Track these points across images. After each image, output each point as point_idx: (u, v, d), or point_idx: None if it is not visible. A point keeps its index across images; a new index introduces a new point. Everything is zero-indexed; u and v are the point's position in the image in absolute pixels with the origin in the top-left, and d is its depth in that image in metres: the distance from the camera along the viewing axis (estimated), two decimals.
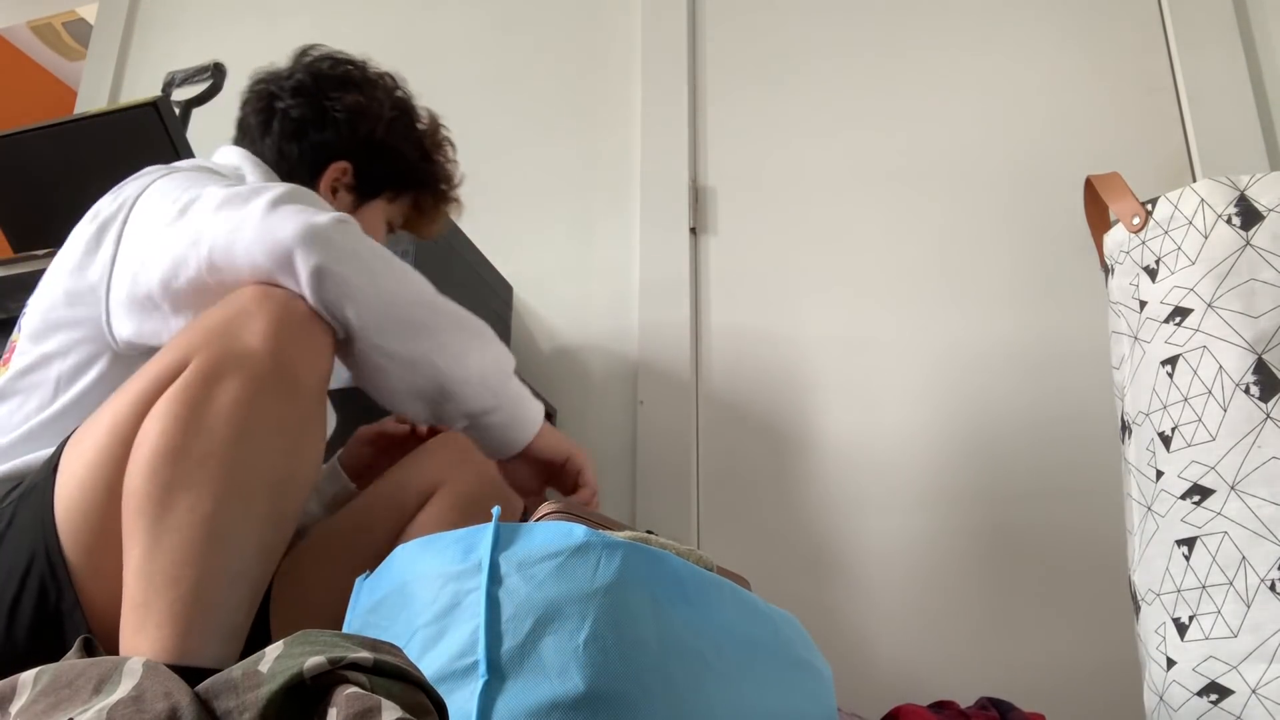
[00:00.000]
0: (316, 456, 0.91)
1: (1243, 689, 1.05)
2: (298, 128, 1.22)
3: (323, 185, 1.23)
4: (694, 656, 0.73)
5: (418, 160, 1.29)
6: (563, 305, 1.91)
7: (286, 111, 1.22)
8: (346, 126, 1.23)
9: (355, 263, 0.90)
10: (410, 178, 1.29)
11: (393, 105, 1.27)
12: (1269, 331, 1.14)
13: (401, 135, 1.27)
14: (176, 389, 0.84)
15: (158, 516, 0.81)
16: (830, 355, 1.73)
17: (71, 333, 1.00)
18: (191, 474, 0.82)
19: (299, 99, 1.23)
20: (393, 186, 1.28)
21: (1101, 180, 1.36)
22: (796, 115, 1.90)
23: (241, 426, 0.84)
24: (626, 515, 1.72)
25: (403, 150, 1.27)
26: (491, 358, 0.99)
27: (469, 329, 0.98)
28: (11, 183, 1.50)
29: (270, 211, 0.91)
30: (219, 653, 0.80)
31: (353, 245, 0.92)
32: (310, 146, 1.22)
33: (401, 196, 1.30)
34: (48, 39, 3.42)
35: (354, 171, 1.24)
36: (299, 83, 1.24)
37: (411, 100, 1.32)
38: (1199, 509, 1.12)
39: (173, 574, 0.80)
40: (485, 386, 0.97)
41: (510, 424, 1.01)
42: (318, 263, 0.88)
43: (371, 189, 1.26)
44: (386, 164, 1.26)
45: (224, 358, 0.85)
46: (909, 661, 1.53)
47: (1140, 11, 1.76)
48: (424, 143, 1.30)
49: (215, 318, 0.88)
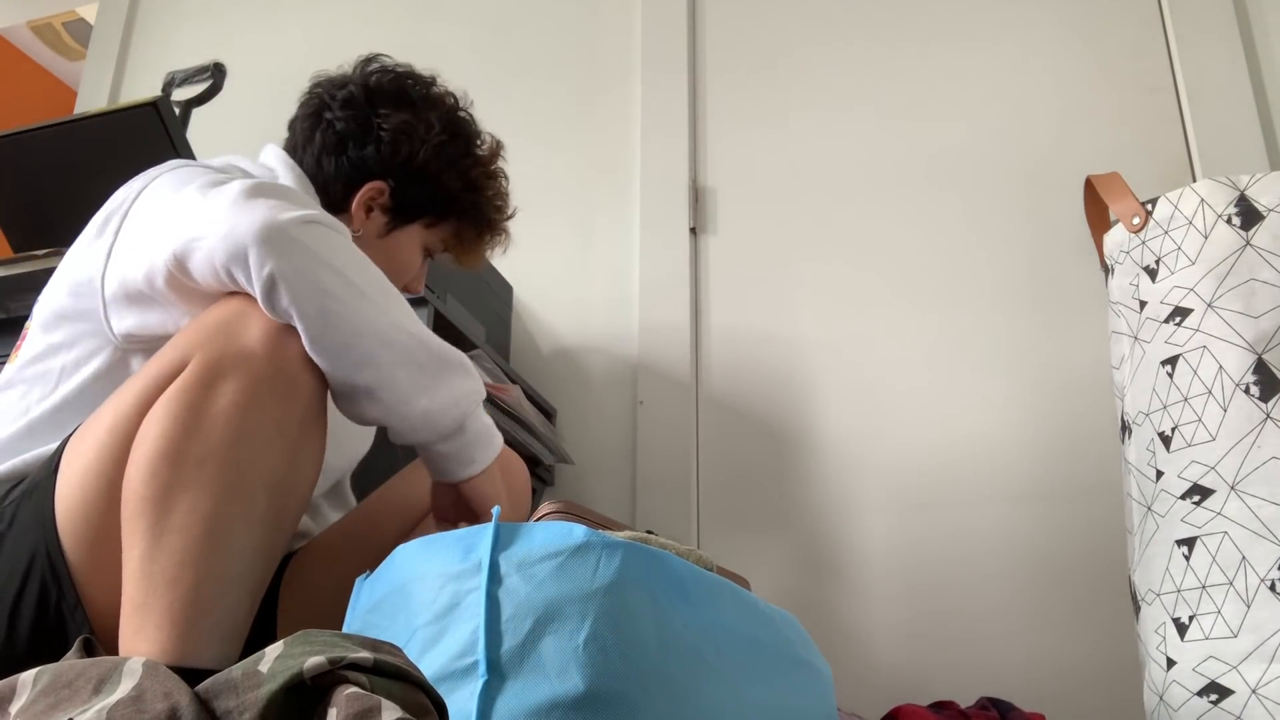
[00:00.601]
0: (317, 458, 0.91)
1: (1243, 689, 1.04)
2: (340, 141, 1.17)
3: (356, 203, 1.17)
4: (694, 656, 0.73)
5: (460, 190, 1.21)
6: (563, 305, 1.91)
7: (332, 124, 1.18)
8: (389, 146, 1.17)
9: (309, 279, 0.86)
10: (450, 207, 1.22)
11: (444, 128, 1.20)
12: (1269, 331, 1.14)
13: (447, 162, 1.19)
14: (175, 390, 0.84)
15: (157, 518, 0.81)
16: (830, 355, 1.73)
17: (76, 325, 1.00)
18: (191, 475, 0.81)
19: (347, 112, 1.18)
20: (432, 213, 1.21)
21: (1101, 180, 1.36)
22: (797, 115, 1.90)
23: (240, 428, 0.83)
24: (626, 515, 1.72)
25: (445, 178, 1.19)
26: (444, 395, 0.93)
27: (422, 360, 0.91)
28: (11, 183, 1.50)
29: (236, 204, 0.88)
30: (218, 653, 0.80)
31: (314, 250, 0.87)
32: (349, 162, 1.17)
33: (441, 224, 1.23)
34: (48, 39, 3.42)
35: (391, 193, 1.18)
36: (350, 95, 1.19)
37: (472, 125, 1.25)
38: (1199, 509, 1.12)
39: (172, 575, 0.79)
40: (428, 422, 0.92)
41: (451, 458, 0.96)
42: (271, 271, 0.85)
43: (408, 213, 1.20)
44: (425, 190, 1.19)
45: (223, 358, 0.85)
46: (909, 661, 1.53)
47: (1140, 11, 1.76)
48: (471, 172, 1.22)
49: (215, 317, 0.88)
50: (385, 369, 0.89)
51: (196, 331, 0.88)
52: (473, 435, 0.96)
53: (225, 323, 0.87)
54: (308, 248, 0.87)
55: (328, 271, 0.87)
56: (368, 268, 0.91)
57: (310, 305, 0.86)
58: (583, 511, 0.85)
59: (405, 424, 0.92)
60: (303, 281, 0.86)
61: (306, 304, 0.86)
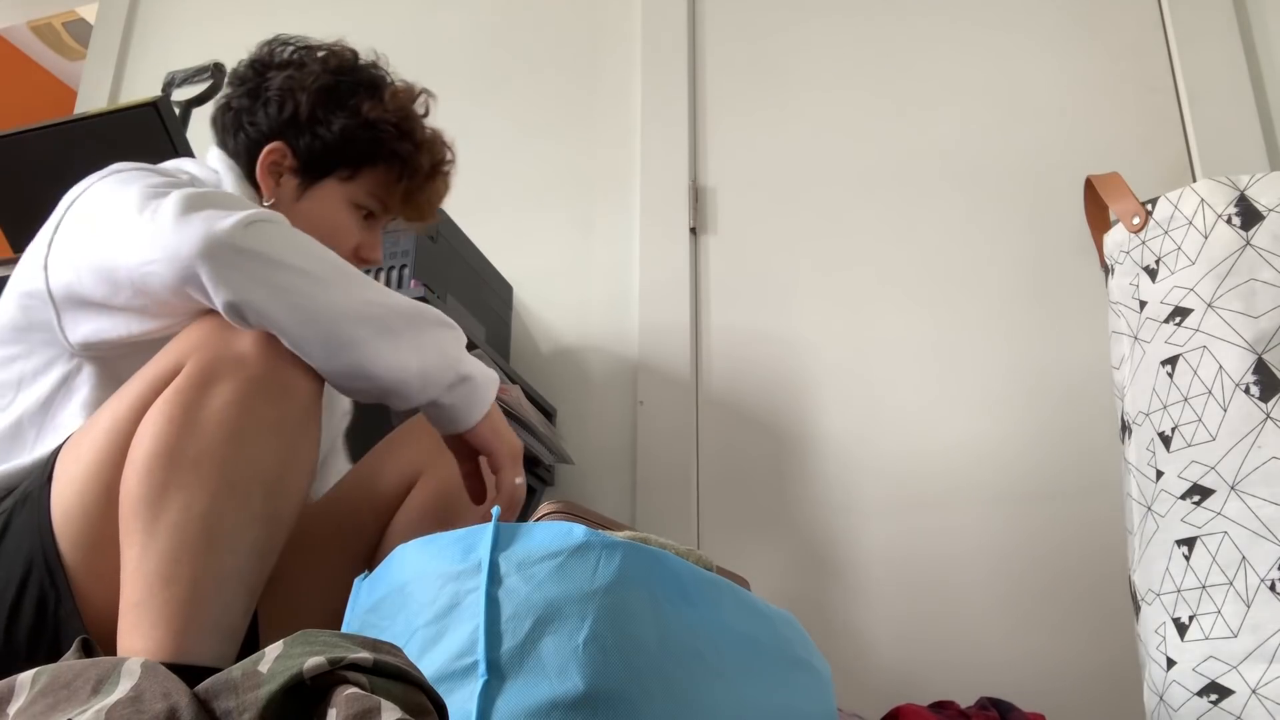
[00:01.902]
0: (311, 456, 0.91)
1: (1243, 689, 1.04)
2: (236, 116, 1.16)
3: (259, 171, 1.14)
4: (693, 656, 0.73)
5: (357, 130, 1.14)
6: (563, 305, 1.91)
7: (228, 104, 1.18)
8: (275, 104, 1.14)
9: (267, 286, 0.86)
10: (354, 152, 1.15)
11: (327, 72, 1.17)
12: (1269, 331, 1.14)
13: (336, 104, 1.15)
14: (171, 392, 0.85)
15: (153, 517, 0.81)
16: (830, 355, 1.73)
17: (30, 335, 0.99)
18: (186, 475, 0.82)
19: (240, 89, 1.18)
20: (340, 164, 1.16)
21: (1101, 180, 1.36)
22: (796, 115, 1.90)
23: (235, 427, 0.84)
24: (626, 515, 1.72)
25: (333, 121, 1.14)
26: (431, 351, 0.93)
27: (400, 325, 0.92)
28: (12, 183, 1.50)
29: (175, 222, 0.87)
30: (216, 652, 0.80)
31: (263, 252, 0.86)
32: (245, 134, 1.15)
33: (359, 176, 1.17)
34: (48, 39, 3.42)
35: (293, 153, 1.15)
36: (240, 73, 1.19)
37: (368, 70, 1.20)
38: (1199, 509, 1.12)
39: (168, 573, 0.80)
40: (427, 380, 0.93)
41: (459, 407, 0.97)
42: (227, 298, 0.85)
43: (315, 170, 1.15)
44: (319, 139, 1.14)
45: (217, 361, 0.86)
46: (909, 661, 1.53)
47: (1140, 11, 1.76)
48: (364, 109, 1.15)
49: (209, 322, 0.89)
50: (368, 345, 0.89)
51: (190, 337, 0.89)
52: (474, 379, 0.97)
53: (219, 327, 0.88)
54: (256, 253, 0.86)
55: (282, 271, 0.87)
56: (317, 252, 0.91)
57: (278, 312, 0.86)
58: (583, 511, 0.85)
59: (408, 389, 0.92)
60: (261, 290, 0.86)
61: (274, 312, 0.86)
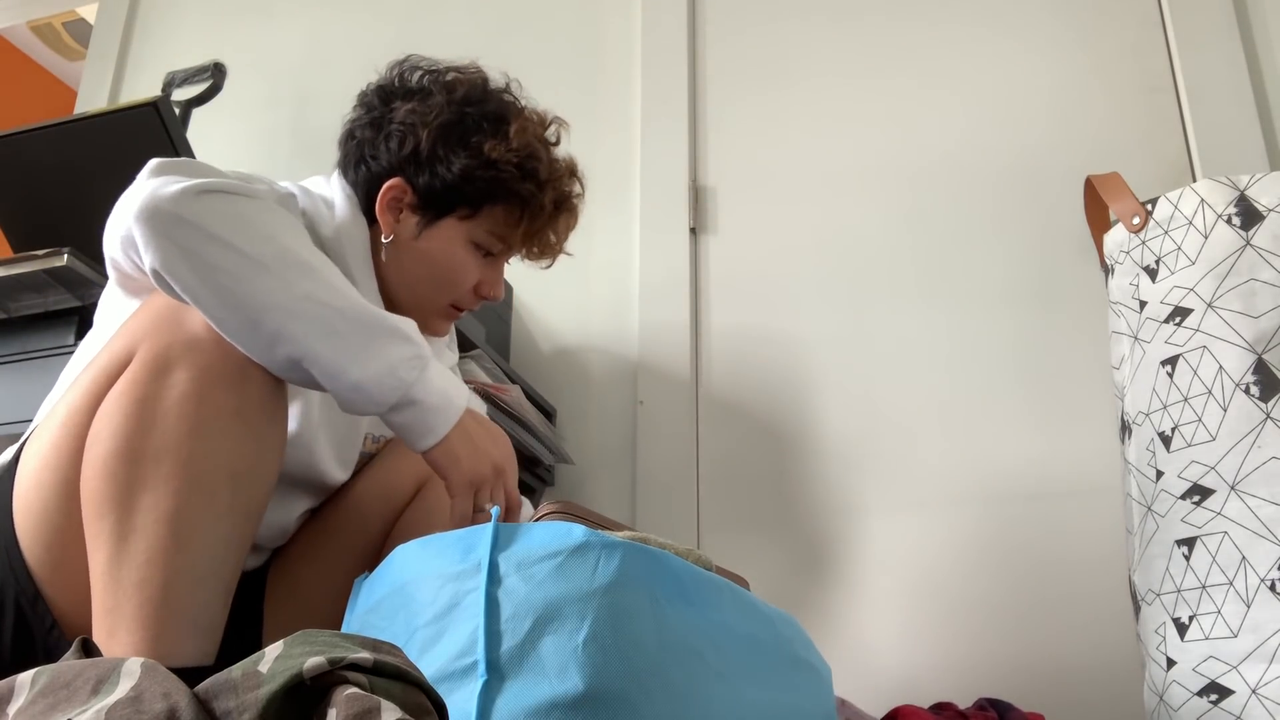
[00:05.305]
0: (279, 442, 0.88)
1: (1243, 689, 1.04)
2: (359, 149, 1.10)
3: (379, 207, 1.08)
4: (693, 656, 0.73)
5: (477, 170, 1.07)
6: (563, 305, 1.91)
7: (352, 131, 1.12)
8: (397, 139, 1.07)
9: (195, 257, 0.81)
10: (475, 191, 1.08)
11: (449, 106, 1.09)
12: (1269, 331, 1.14)
13: (457, 141, 1.07)
14: (124, 384, 0.82)
15: (119, 518, 0.79)
16: (830, 355, 1.73)
17: None
18: (149, 473, 0.79)
19: (364, 115, 1.11)
20: (461, 203, 1.08)
21: (1101, 180, 1.36)
22: (796, 115, 1.90)
23: (195, 419, 0.81)
24: (626, 515, 1.72)
25: (454, 160, 1.06)
26: (376, 365, 0.85)
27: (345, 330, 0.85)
28: (11, 183, 1.50)
29: (135, 186, 0.84)
30: (195, 650, 0.79)
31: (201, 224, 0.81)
32: (368, 167, 1.09)
33: (479, 214, 1.09)
34: (48, 39, 3.42)
35: (414, 190, 1.08)
36: (366, 100, 1.12)
37: (495, 99, 1.12)
38: (1199, 509, 1.12)
39: (140, 577, 0.78)
40: (364, 395, 0.86)
41: (406, 429, 0.90)
42: (152, 261, 0.82)
43: (435, 207, 1.08)
44: (439, 177, 1.07)
45: (170, 347, 0.82)
46: (909, 662, 1.53)
47: (1140, 11, 1.76)
48: (486, 148, 1.07)
49: (158, 303, 0.85)
50: (302, 343, 0.83)
51: (141, 321, 0.85)
52: (424, 404, 0.88)
53: (170, 308, 0.84)
54: (193, 224, 0.82)
55: (215, 246, 0.82)
56: (269, 235, 0.85)
57: (200, 288, 0.82)
58: (582, 511, 0.85)
59: (341, 398, 0.86)
60: (187, 263, 0.82)
61: (196, 288, 0.82)
